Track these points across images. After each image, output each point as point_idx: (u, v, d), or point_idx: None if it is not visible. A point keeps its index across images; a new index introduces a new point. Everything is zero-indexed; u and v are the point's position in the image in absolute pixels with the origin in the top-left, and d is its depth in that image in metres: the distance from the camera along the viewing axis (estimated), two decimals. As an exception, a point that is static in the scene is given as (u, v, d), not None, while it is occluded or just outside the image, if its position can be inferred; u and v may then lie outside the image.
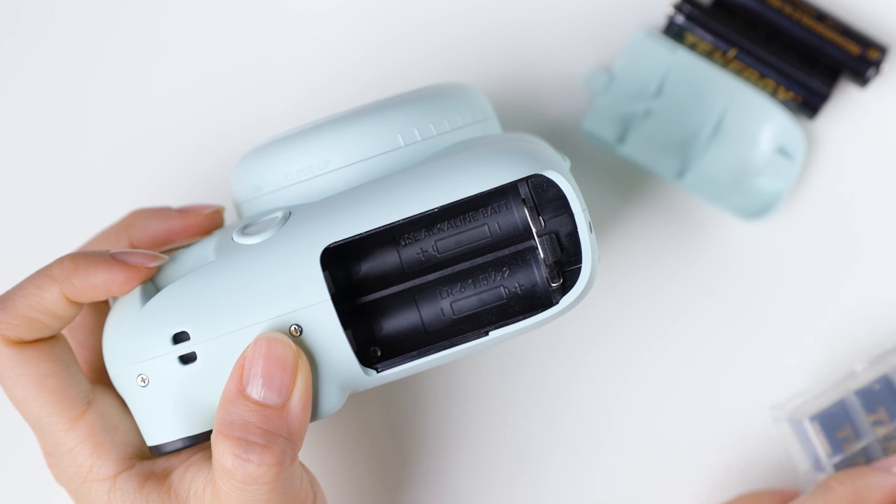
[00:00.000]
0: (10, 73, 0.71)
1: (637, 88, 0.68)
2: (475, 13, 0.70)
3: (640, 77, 0.68)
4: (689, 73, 0.68)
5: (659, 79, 0.68)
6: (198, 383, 0.53)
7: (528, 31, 0.69)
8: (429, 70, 0.70)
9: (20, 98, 0.71)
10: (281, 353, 0.52)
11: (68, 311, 0.54)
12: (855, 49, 0.68)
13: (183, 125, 0.70)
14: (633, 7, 0.69)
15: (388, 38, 0.70)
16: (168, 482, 0.55)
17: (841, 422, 0.65)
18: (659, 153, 0.68)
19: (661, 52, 0.68)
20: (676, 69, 0.68)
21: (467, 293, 0.55)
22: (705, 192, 0.68)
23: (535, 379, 0.69)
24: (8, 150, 0.71)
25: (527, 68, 0.69)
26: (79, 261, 0.54)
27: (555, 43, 0.69)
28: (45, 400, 0.54)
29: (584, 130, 0.68)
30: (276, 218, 0.54)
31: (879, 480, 0.63)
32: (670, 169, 0.68)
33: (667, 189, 0.69)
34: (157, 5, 0.71)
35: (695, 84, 0.68)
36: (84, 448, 0.55)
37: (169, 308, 0.53)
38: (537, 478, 0.69)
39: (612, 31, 0.69)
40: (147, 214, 0.61)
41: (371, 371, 0.53)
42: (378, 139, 0.55)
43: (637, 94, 0.68)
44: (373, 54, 0.70)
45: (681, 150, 0.68)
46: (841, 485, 0.63)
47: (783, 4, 0.68)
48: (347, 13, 0.70)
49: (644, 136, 0.68)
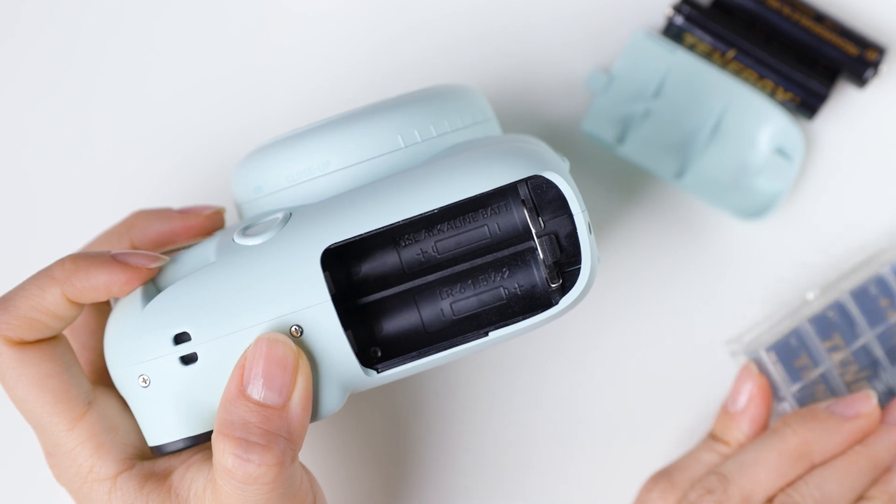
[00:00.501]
0: (10, 73, 0.71)
1: (636, 89, 0.68)
2: (475, 14, 0.70)
3: (640, 78, 0.68)
4: (688, 73, 0.68)
5: (658, 80, 0.68)
6: (199, 384, 0.53)
7: (529, 32, 0.70)
8: (429, 71, 0.70)
9: (21, 98, 0.71)
10: (281, 353, 0.52)
11: (69, 311, 0.55)
12: (853, 50, 0.68)
13: (183, 126, 0.70)
14: (633, 8, 0.69)
15: (389, 39, 0.70)
16: (168, 482, 0.55)
17: (797, 351, 0.66)
18: (658, 154, 0.68)
19: (661, 53, 0.68)
20: (675, 70, 0.68)
21: (467, 294, 0.55)
22: (704, 192, 0.68)
23: (536, 379, 0.69)
24: (9, 150, 0.71)
25: (527, 69, 0.69)
26: (80, 261, 0.54)
27: (554, 44, 0.69)
28: (46, 400, 0.54)
29: (583, 131, 0.68)
30: (276, 219, 0.54)
31: (831, 427, 0.63)
32: (669, 169, 0.68)
33: (666, 189, 0.69)
34: (158, 6, 0.71)
35: (694, 85, 0.68)
36: (85, 448, 0.55)
37: (170, 309, 0.53)
38: (538, 478, 0.69)
39: (612, 32, 0.69)
40: (148, 215, 0.61)
41: (371, 371, 0.53)
42: (378, 140, 0.55)
43: (636, 95, 0.68)
44: (373, 55, 0.70)
45: (680, 151, 0.69)
46: (793, 433, 0.63)
47: (782, 5, 0.68)
48: (348, 13, 0.70)
49: (643, 137, 0.68)
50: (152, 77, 0.71)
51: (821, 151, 0.70)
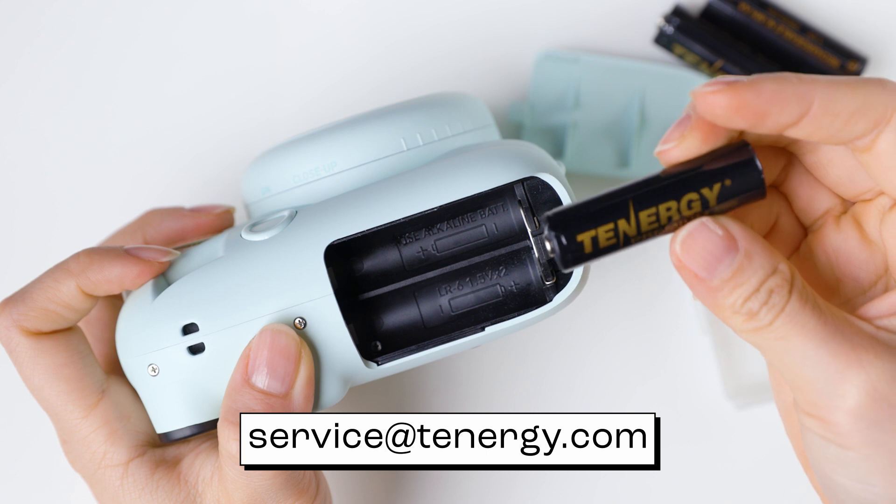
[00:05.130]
0: (31, 76, 0.72)
1: (557, 105, 0.70)
2: (478, 21, 0.72)
3: (556, 94, 0.70)
4: (597, 74, 0.69)
5: (573, 90, 0.69)
6: (206, 373, 0.54)
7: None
8: (432, 75, 0.71)
9: (40, 102, 0.72)
10: (285, 343, 0.53)
11: (84, 303, 0.56)
12: (835, 62, 0.69)
13: (194, 128, 0.72)
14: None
15: (393, 44, 0.71)
16: (178, 469, 0.56)
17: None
18: (598, 155, 0.69)
19: (566, 66, 0.69)
20: (585, 75, 0.69)
21: (465, 291, 0.56)
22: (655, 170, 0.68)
23: (535, 376, 0.70)
24: (28, 150, 0.72)
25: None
26: (94, 255, 0.55)
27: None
28: (61, 388, 0.56)
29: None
30: (282, 216, 0.55)
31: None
32: (614, 164, 0.69)
33: (621, 183, 0.70)
34: (172, 16, 0.72)
35: (606, 82, 0.70)
36: (98, 435, 0.56)
37: (179, 301, 0.54)
38: (536, 475, 0.69)
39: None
40: (161, 214, 0.62)
41: (372, 364, 0.54)
42: (382, 143, 0.56)
43: (559, 110, 0.70)
44: (377, 60, 0.71)
45: (618, 144, 0.70)
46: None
47: (767, 18, 0.70)
48: (352, 21, 0.72)
49: (579, 145, 0.69)
50: (166, 83, 0.72)
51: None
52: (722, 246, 0.46)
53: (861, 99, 0.46)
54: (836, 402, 0.45)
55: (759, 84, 0.46)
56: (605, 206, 0.46)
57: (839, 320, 0.46)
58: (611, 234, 0.46)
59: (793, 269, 0.46)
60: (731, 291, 0.46)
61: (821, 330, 0.46)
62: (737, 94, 0.46)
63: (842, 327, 0.46)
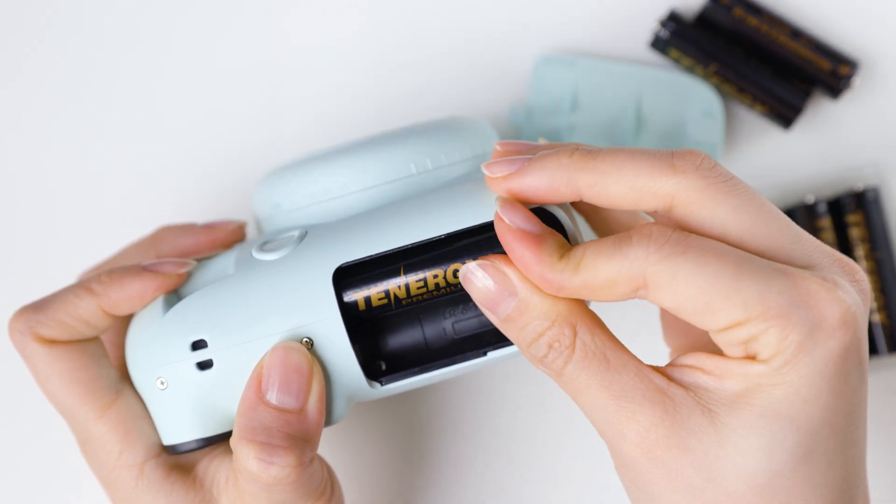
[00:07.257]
0: (35, 91, 0.72)
1: (555, 108, 0.70)
2: (477, 26, 0.72)
3: (555, 97, 0.70)
4: (595, 78, 0.70)
5: (571, 93, 0.70)
6: (213, 388, 0.55)
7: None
8: (431, 78, 0.72)
9: (46, 118, 0.72)
10: (297, 360, 0.53)
11: (102, 321, 0.57)
12: (827, 65, 0.70)
13: (205, 145, 0.72)
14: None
15: (393, 47, 0.72)
16: (193, 473, 0.57)
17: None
18: None
19: (564, 69, 0.70)
20: (583, 79, 0.70)
21: (469, 315, 0.56)
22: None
23: (543, 383, 0.70)
24: (35, 168, 0.72)
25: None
26: (114, 275, 0.56)
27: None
28: (75, 391, 0.56)
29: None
30: (292, 236, 0.55)
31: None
32: None
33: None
34: (184, 29, 0.72)
35: (604, 85, 0.70)
36: (113, 435, 0.57)
37: (189, 317, 0.55)
38: (543, 482, 0.70)
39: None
40: (174, 231, 0.62)
41: (375, 384, 0.55)
42: (392, 167, 0.57)
43: (557, 113, 0.70)
44: (379, 59, 0.72)
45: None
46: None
47: (761, 23, 0.70)
48: (357, 43, 0.72)
49: None
50: (176, 101, 0.72)
51: (796, 160, 0.71)
52: (496, 290, 0.50)
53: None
54: (621, 447, 0.49)
55: (525, 174, 0.51)
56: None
57: (627, 374, 0.49)
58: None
59: (578, 322, 0.50)
60: (520, 330, 0.50)
61: (605, 385, 0.49)
62: (509, 184, 0.51)
63: (625, 383, 0.49)
